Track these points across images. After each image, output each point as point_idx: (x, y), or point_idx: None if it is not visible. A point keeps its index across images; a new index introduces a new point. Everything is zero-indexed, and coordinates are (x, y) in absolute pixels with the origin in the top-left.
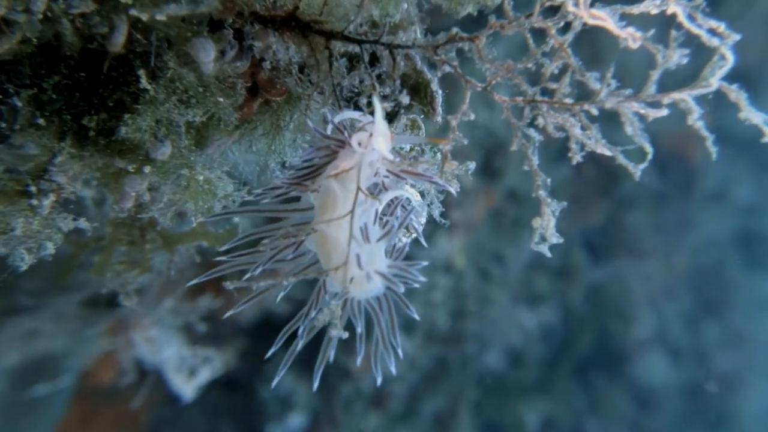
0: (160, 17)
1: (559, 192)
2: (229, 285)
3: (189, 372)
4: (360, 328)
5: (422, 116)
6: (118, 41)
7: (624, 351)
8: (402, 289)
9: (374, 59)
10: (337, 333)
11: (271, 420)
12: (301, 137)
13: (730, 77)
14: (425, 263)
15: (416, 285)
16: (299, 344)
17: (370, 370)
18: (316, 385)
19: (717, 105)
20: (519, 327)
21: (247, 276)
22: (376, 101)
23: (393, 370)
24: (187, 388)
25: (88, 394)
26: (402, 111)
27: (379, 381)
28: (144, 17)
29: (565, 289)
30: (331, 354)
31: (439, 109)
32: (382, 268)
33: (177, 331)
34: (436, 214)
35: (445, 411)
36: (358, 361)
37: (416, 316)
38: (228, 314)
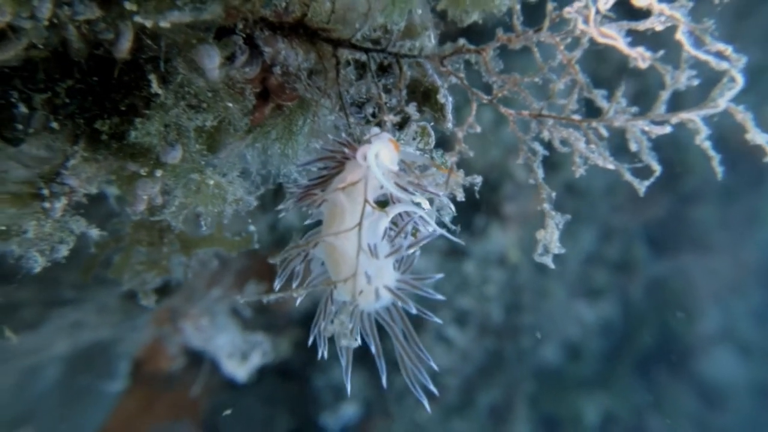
0: (164, 24)
1: (619, 187)
2: (240, 299)
3: (241, 357)
4: (373, 347)
5: (432, 123)
6: (124, 47)
7: (688, 347)
8: (412, 308)
9: (385, 67)
10: (348, 343)
11: (325, 409)
12: (315, 142)
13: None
14: (439, 276)
15: (438, 297)
16: (320, 354)
17: (422, 362)
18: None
19: None
20: (577, 321)
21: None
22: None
23: (432, 388)
24: (240, 372)
25: (145, 381)
26: (413, 118)
27: (426, 405)
28: (148, 24)
29: (626, 283)
30: (347, 364)
31: (450, 116)
32: (391, 282)
33: (228, 319)
34: (446, 220)
35: (501, 404)
36: (384, 381)
37: (438, 320)
38: (244, 298)
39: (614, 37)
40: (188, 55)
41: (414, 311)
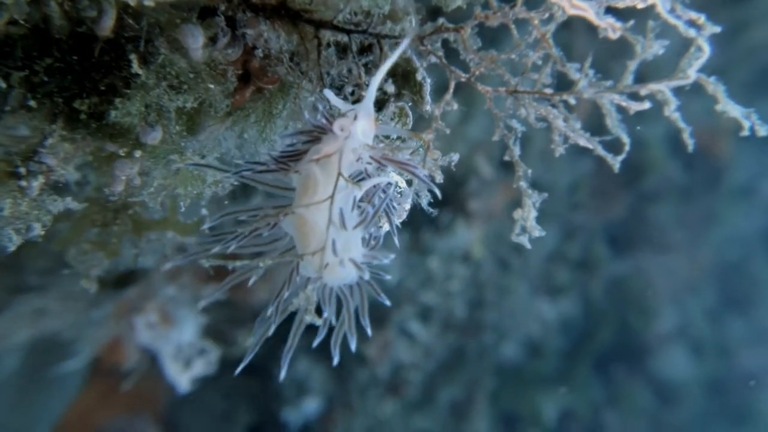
0: (148, 3)
1: (581, 185)
2: (206, 263)
3: (185, 363)
4: (326, 314)
5: (410, 104)
6: (107, 25)
7: (645, 345)
8: (366, 274)
9: (366, 49)
10: (311, 319)
11: (287, 404)
12: (293, 125)
13: None
14: (393, 256)
15: (387, 277)
16: (272, 328)
17: (386, 356)
18: (283, 373)
19: (746, 99)
20: (538, 318)
21: (215, 250)
22: (373, 86)
23: (352, 346)
24: (182, 379)
25: (104, 374)
26: (391, 99)
27: (335, 360)
28: (132, 2)
29: (586, 281)
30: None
31: (428, 98)
32: (357, 256)
33: (183, 317)
34: (424, 203)
35: (461, 400)
36: (315, 343)
37: (387, 302)
38: (204, 302)
39: (584, 8)
40: (171, 34)
41: (367, 276)
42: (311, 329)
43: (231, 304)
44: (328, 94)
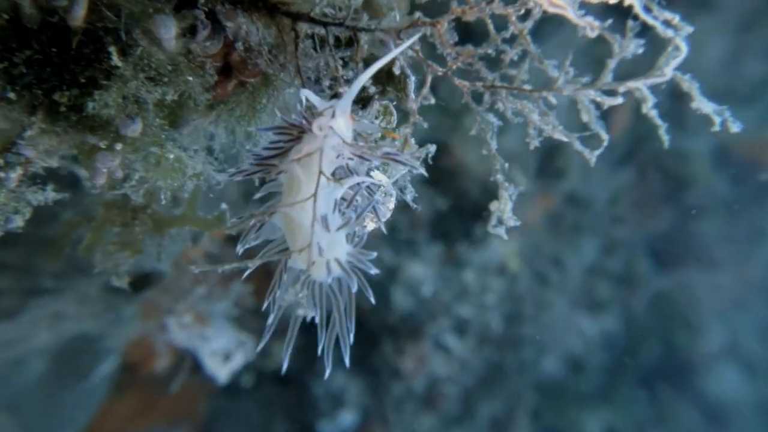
0: None
1: (621, 198)
2: (195, 269)
3: (224, 357)
4: (317, 318)
5: (395, 102)
6: (78, 15)
7: (692, 363)
8: (354, 285)
9: (345, 42)
10: (302, 313)
11: (323, 416)
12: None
13: None
14: (374, 254)
15: (373, 271)
16: (270, 320)
17: (421, 370)
18: (285, 366)
19: None
20: (579, 333)
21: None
22: (355, 86)
23: (347, 361)
24: (222, 372)
25: (140, 383)
26: (375, 97)
27: (327, 372)
28: None
29: (628, 296)
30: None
31: (412, 95)
32: (342, 255)
33: (216, 318)
34: (408, 198)
35: (502, 415)
36: (320, 349)
37: (372, 300)
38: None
39: (563, 6)
40: (145, 25)
41: (355, 288)
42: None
43: (266, 315)
44: (307, 92)
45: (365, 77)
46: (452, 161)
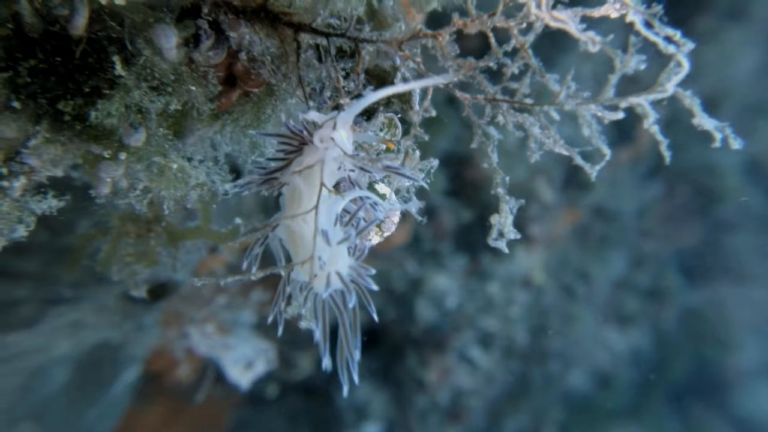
0: (120, 1)
1: (649, 211)
2: (197, 282)
3: (246, 365)
4: (319, 331)
5: (399, 114)
6: (79, 24)
7: (725, 379)
8: (353, 299)
9: (347, 53)
10: (306, 325)
11: (347, 428)
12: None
13: None
14: (374, 271)
15: (373, 288)
16: (270, 319)
17: (446, 382)
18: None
19: None
20: (607, 348)
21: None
22: (363, 102)
23: (355, 378)
24: (244, 379)
25: (165, 393)
26: (380, 108)
27: (345, 389)
28: (103, 0)
29: (658, 311)
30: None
31: (417, 107)
32: (343, 268)
33: (237, 326)
34: (413, 210)
35: (528, 430)
36: (324, 363)
37: (375, 317)
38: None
39: (565, 20)
40: (147, 35)
41: (353, 300)
42: (370, 353)
43: (291, 328)
44: (310, 112)
45: (376, 97)
46: (476, 174)
